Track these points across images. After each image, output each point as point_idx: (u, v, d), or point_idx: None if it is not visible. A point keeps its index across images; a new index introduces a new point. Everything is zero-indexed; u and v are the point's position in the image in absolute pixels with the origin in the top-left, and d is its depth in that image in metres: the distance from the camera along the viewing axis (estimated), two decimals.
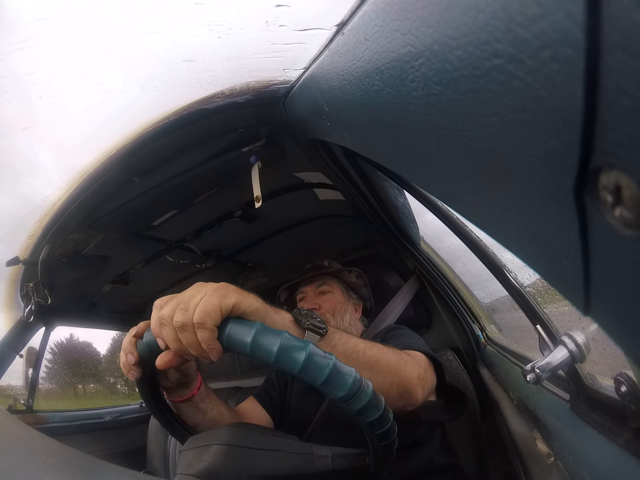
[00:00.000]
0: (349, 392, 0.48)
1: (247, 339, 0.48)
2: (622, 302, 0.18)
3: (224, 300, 0.50)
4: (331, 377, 0.47)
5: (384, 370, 0.65)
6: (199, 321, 0.48)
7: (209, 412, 0.74)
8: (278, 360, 0.47)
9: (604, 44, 0.13)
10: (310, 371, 0.47)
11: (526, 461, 0.74)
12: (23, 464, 0.41)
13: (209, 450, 0.57)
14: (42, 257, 0.99)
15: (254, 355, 0.48)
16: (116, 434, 1.78)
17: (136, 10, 0.45)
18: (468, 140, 0.23)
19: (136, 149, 0.78)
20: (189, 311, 0.49)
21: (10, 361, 1.35)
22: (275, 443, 0.60)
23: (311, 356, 0.47)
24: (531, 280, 0.76)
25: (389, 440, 0.55)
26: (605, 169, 0.15)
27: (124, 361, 0.59)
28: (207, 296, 0.50)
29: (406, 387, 0.69)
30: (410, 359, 0.76)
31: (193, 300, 0.50)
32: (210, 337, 0.48)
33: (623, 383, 0.42)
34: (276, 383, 1.13)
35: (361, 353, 0.63)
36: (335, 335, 0.62)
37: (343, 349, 0.61)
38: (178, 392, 0.70)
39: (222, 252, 1.64)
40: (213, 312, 0.48)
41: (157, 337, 0.52)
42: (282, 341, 0.47)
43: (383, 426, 0.53)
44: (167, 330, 0.50)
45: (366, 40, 0.32)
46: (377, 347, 0.68)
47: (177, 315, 0.49)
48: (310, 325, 0.58)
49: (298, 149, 0.92)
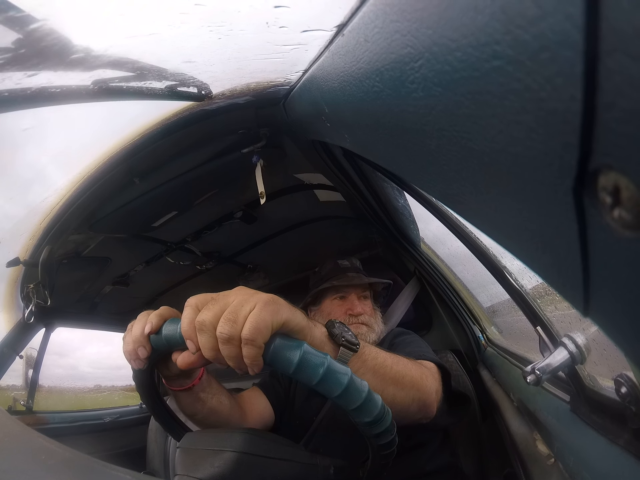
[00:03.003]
0: (375, 418, 0.50)
1: (293, 360, 0.47)
2: (621, 303, 0.18)
3: (275, 316, 0.47)
4: (364, 403, 0.49)
5: (407, 386, 0.65)
6: (250, 338, 0.45)
7: (208, 401, 0.72)
8: (319, 384, 0.47)
9: (603, 46, 0.13)
10: (348, 396, 0.48)
11: (526, 462, 0.74)
12: (23, 465, 0.41)
13: (222, 456, 0.57)
14: (43, 258, 0.99)
15: (295, 376, 0.47)
16: (116, 435, 1.78)
17: (136, 11, 0.45)
18: (468, 142, 0.23)
19: (137, 150, 0.78)
20: (238, 324, 0.45)
21: (10, 362, 1.34)
22: (286, 452, 0.62)
23: (351, 382, 0.48)
24: (531, 281, 0.76)
25: (389, 450, 0.56)
26: (604, 170, 0.15)
27: (130, 349, 0.55)
28: (257, 309, 0.46)
29: (425, 402, 0.70)
30: (430, 373, 0.76)
31: (242, 312, 0.46)
32: (257, 354, 0.46)
33: (623, 384, 0.42)
34: (281, 379, 1.12)
35: (388, 368, 0.63)
36: (365, 350, 0.62)
37: (372, 364, 0.61)
38: (178, 381, 0.66)
39: (223, 253, 1.64)
40: (265, 329, 0.45)
41: (188, 339, 0.48)
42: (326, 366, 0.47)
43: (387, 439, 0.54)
44: (206, 338, 0.47)
45: (366, 41, 0.32)
46: (402, 362, 0.68)
47: (223, 326, 0.45)
48: (345, 341, 0.57)
49: (298, 150, 0.92)
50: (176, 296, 1.80)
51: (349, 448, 0.76)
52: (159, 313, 0.55)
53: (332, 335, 0.58)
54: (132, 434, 1.82)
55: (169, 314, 0.55)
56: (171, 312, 0.56)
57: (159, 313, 0.55)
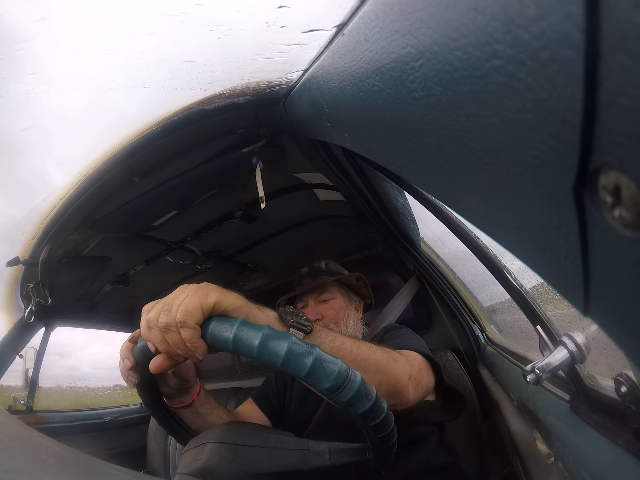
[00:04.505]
0: (335, 383, 0.47)
1: (228, 335, 0.48)
2: (621, 302, 0.18)
3: (204, 299, 0.51)
4: (315, 368, 0.47)
5: (371, 369, 0.65)
6: (181, 320, 0.49)
7: (208, 416, 0.77)
8: (260, 354, 0.47)
9: (603, 46, 0.13)
10: (294, 363, 0.47)
11: (526, 461, 0.74)
12: (23, 464, 0.41)
13: (204, 449, 0.58)
14: (43, 258, 0.99)
15: (237, 351, 0.48)
16: (116, 434, 1.78)
17: (136, 10, 0.45)
18: (468, 141, 0.23)
19: (136, 149, 0.78)
20: (172, 312, 0.50)
21: (10, 361, 1.35)
22: (269, 440, 0.61)
23: (293, 347, 0.47)
24: (531, 281, 0.76)
25: (385, 432, 0.54)
26: (605, 169, 0.15)
27: (122, 367, 0.61)
28: (188, 296, 0.51)
29: (396, 386, 0.69)
30: (402, 357, 0.76)
31: (176, 302, 0.51)
32: (193, 335, 0.50)
33: (623, 383, 0.42)
34: (274, 384, 1.14)
35: (347, 351, 0.63)
36: (322, 333, 0.62)
37: (329, 347, 0.61)
38: (179, 398, 0.72)
39: (222, 252, 1.64)
40: (194, 310, 0.50)
41: (146, 340, 0.54)
42: (263, 335, 0.47)
43: (376, 417, 0.52)
44: (154, 333, 0.52)
45: (366, 41, 0.32)
46: (366, 345, 0.68)
47: (161, 317, 0.51)
48: (295, 322, 0.58)
49: (298, 150, 0.92)
50: None
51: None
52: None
53: (282, 318, 0.59)
54: (132, 433, 1.82)
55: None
56: None
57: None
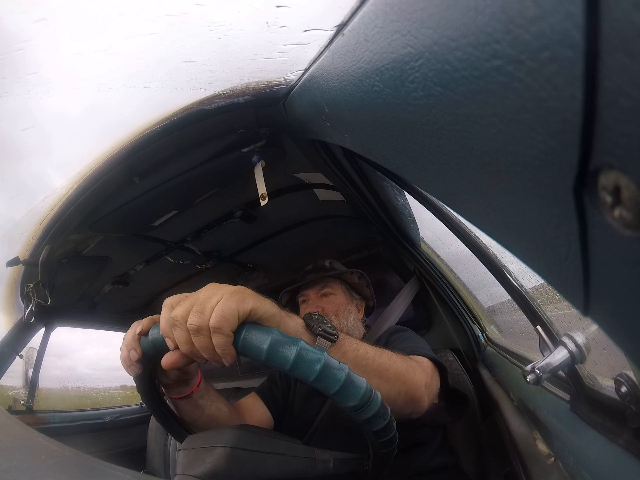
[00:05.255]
0: (360, 402, 0.49)
1: (263, 346, 0.47)
2: (621, 302, 0.18)
3: (241, 304, 0.48)
4: (344, 387, 0.48)
5: (392, 378, 0.65)
6: (216, 326, 0.46)
7: (207, 408, 0.74)
8: (293, 368, 0.47)
9: (603, 46, 0.13)
10: (325, 381, 0.47)
11: (526, 461, 0.74)
12: (23, 465, 0.41)
13: (213, 452, 0.57)
14: (42, 258, 0.99)
15: (269, 362, 0.47)
16: (116, 435, 1.78)
17: (136, 10, 0.45)
18: (468, 141, 0.23)
19: (136, 149, 0.78)
20: (205, 314, 0.47)
21: (10, 361, 1.34)
22: (279, 446, 0.61)
23: (326, 366, 0.47)
24: (531, 281, 0.76)
25: (390, 448, 0.56)
26: (605, 169, 0.15)
27: (124, 356, 0.58)
28: (224, 300, 0.48)
29: (413, 395, 0.69)
30: (418, 366, 0.76)
31: (209, 303, 0.48)
32: (226, 342, 0.47)
33: (623, 383, 0.42)
34: (279, 382, 1.13)
35: (370, 360, 0.63)
36: (346, 341, 0.62)
37: (353, 356, 0.61)
38: (177, 389, 0.69)
39: (222, 252, 1.64)
40: (231, 317, 0.47)
41: (166, 337, 0.51)
42: (298, 350, 0.47)
43: (387, 434, 0.53)
44: (179, 332, 0.49)
45: (366, 41, 0.32)
46: (386, 354, 0.68)
47: (192, 318, 0.48)
48: (322, 331, 0.58)
49: (298, 150, 0.92)
50: None
51: (349, 446, 0.76)
52: (151, 317, 0.57)
53: (309, 326, 0.59)
54: (132, 433, 1.82)
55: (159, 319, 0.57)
56: None
57: (151, 317, 0.57)
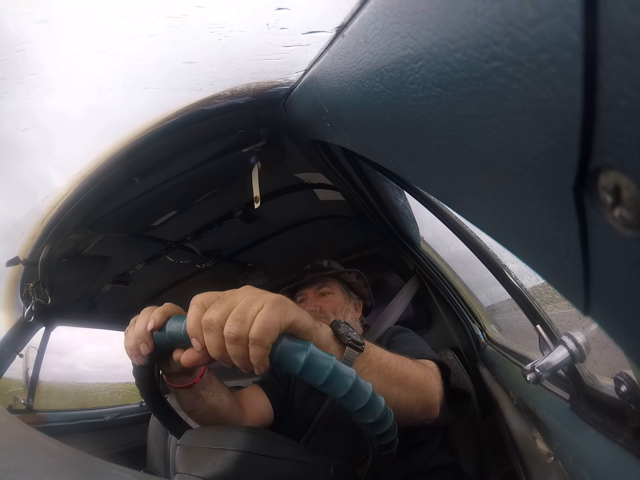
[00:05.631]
0: (378, 419, 0.50)
1: (300, 361, 0.46)
2: (622, 302, 0.18)
3: (284, 317, 0.46)
4: (369, 404, 0.49)
5: (412, 387, 0.65)
6: (258, 338, 0.44)
7: (208, 399, 0.72)
8: (324, 385, 0.47)
9: (602, 48, 0.13)
10: (352, 398, 0.48)
11: (526, 460, 0.74)
12: (23, 464, 0.41)
13: (224, 455, 0.57)
14: (42, 257, 0.99)
15: (301, 376, 0.47)
16: (116, 434, 1.78)
17: (137, 12, 0.45)
18: (468, 142, 0.23)
19: (136, 149, 0.78)
20: (246, 324, 0.45)
21: (10, 361, 1.35)
22: (288, 452, 0.62)
23: (356, 384, 0.48)
24: (531, 280, 0.76)
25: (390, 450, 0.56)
26: (605, 169, 0.15)
27: (132, 345, 0.55)
28: (265, 309, 0.46)
29: (429, 403, 0.70)
30: (432, 373, 0.76)
31: (250, 312, 0.46)
32: (264, 354, 0.45)
33: (623, 383, 0.43)
34: (281, 377, 1.12)
35: (393, 369, 0.63)
36: (370, 350, 0.62)
37: (377, 364, 0.61)
38: (179, 378, 0.66)
39: (222, 252, 1.64)
40: (273, 330, 0.45)
41: (194, 337, 0.48)
42: (332, 368, 0.47)
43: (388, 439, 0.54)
44: (212, 337, 0.46)
45: (366, 42, 0.32)
46: (407, 363, 0.68)
47: (231, 326, 0.45)
48: (351, 341, 0.58)
49: (298, 150, 0.92)
50: (176, 295, 1.80)
51: (348, 446, 0.76)
52: (163, 310, 0.55)
53: (338, 335, 0.58)
54: (132, 432, 1.82)
55: (172, 311, 0.55)
56: (175, 309, 0.56)
57: (162, 310, 0.55)
